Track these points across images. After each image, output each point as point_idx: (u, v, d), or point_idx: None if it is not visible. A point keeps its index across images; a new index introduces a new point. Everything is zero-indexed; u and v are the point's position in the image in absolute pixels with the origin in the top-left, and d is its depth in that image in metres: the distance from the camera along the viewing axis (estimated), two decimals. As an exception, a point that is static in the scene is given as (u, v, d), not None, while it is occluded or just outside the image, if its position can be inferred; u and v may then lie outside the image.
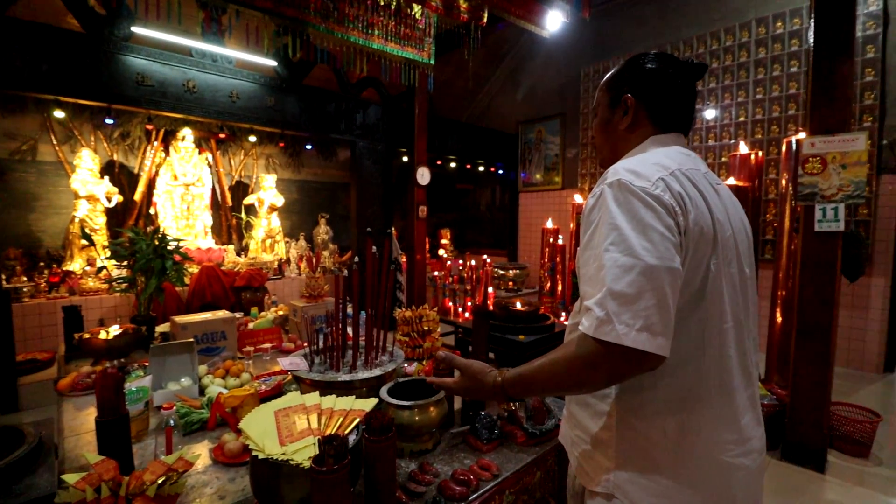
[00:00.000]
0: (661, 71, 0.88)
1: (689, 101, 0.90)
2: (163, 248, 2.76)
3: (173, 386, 1.86)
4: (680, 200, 0.74)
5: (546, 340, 2.45)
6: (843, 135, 2.03)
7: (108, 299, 3.85)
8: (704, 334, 0.78)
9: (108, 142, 4.47)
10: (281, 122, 4.31)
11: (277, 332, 2.76)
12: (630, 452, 0.81)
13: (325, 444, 0.96)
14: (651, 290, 0.68)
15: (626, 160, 0.85)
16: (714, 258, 0.77)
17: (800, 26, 4.17)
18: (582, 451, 0.91)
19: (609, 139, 0.95)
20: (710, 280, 0.77)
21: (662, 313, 0.68)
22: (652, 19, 5.31)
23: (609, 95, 0.94)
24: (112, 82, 3.30)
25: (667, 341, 0.69)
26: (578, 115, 5.95)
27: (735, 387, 0.80)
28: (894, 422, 2.91)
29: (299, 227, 6.06)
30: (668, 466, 0.78)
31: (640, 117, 0.90)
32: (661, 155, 0.83)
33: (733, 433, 0.79)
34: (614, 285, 0.69)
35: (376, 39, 2.98)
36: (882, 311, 3.81)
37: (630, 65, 0.92)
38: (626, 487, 0.80)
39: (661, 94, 0.88)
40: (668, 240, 0.71)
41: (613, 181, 0.77)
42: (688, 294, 0.76)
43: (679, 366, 0.77)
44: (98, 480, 1.02)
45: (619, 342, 0.68)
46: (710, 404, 0.78)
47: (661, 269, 0.69)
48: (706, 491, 0.78)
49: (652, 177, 0.75)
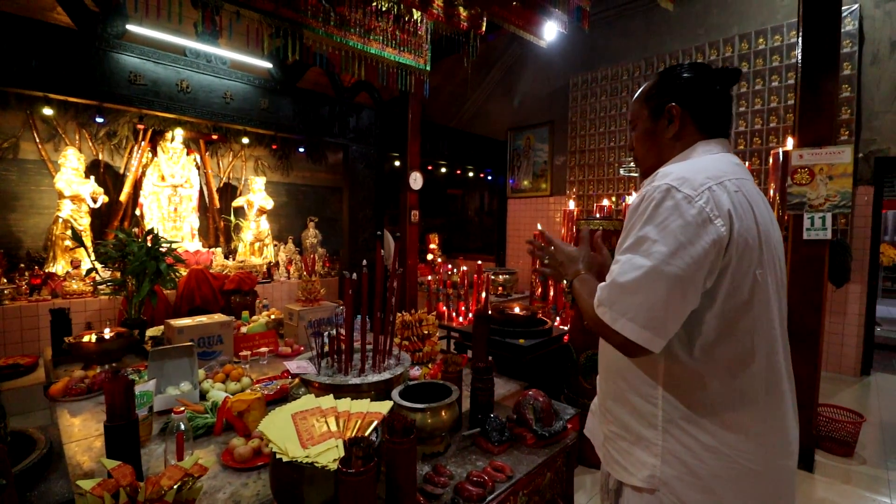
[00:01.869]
0: (701, 78, 0.91)
1: (728, 105, 0.94)
2: (156, 249, 2.71)
3: (173, 391, 1.82)
4: (723, 211, 0.78)
5: (546, 344, 2.48)
6: (830, 147, 2.12)
7: (92, 302, 3.74)
8: (754, 340, 0.81)
9: (94, 141, 4.37)
10: (275, 124, 4.28)
11: (273, 335, 2.73)
12: (677, 452, 0.83)
13: (353, 445, 0.96)
14: (648, 290, 0.77)
15: (677, 164, 0.89)
16: (760, 268, 0.80)
17: (781, 43, 4.34)
18: (618, 447, 0.93)
19: (654, 148, 0.97)
20: (757, 288, 0.80)
21: (652, 312, 0.77)
22: (638, 32, 5.45)
23: (649, 107, 0.97)
24: (104, 80, 3.23)
25: (654, 337, 0.78)
26: (567, 123, 6.06)
27: (784, 390, 0.84)
28: (875, 423, 3.03)
29: (288, 230, 6.00)
30: (716, 466, 0.80)
31: (685, 124, 0.93)
32: (712, 162, 0.86)
33: (781, 436, 0.83)
34: (619, 278, 0.81)
35: (374, 44, 3.00)
36: (858, 316, 3.97)
37: (669, 75, 0.95)
38: (672, 484, 0.83)
39: (704, 100, 0.91)
40: (691, 250, 0.76)
41: (662, 185, 0.81)
42: (737, 301, 0.79)
43: (731, 370, 0.80)
44: (115, 486, 1.00)
45: (610, 325, 0.81)
46: (760, 408, 0.81)
47: (666, 274, 0.76)
48: (752, 491, 0.80)
49: (700, 186, 0.79)
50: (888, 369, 4.22)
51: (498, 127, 6.97)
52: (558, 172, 6.31)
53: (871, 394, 3.64)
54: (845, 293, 3.98)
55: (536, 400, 1.56)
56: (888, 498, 2.21)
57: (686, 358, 0.83)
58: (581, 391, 2.32)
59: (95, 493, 0.97)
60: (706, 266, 0.77)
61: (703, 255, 0.76)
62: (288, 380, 1.98)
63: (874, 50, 3.94)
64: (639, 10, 5.41)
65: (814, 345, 2.25)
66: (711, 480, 0.81)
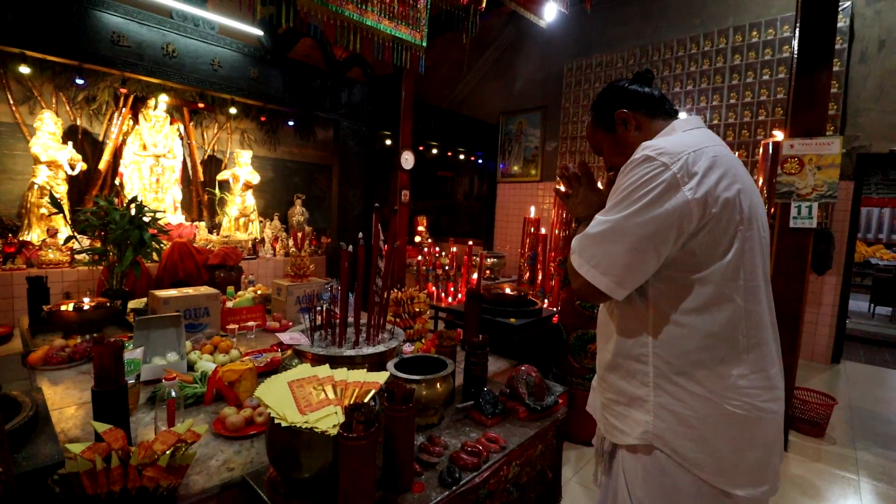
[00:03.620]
0: (628, 85, 1.05)
1: (660, 94, 1.05)
2: (139, 218, 2.62)
3: (159, 361, 1.79)
4: (696, 178, 0.83)
5: (536, 324, 2.51)
6: (820, 138, 2.16)
7: (70, 273, 3.63)
8: (732, 294, 0.85)
9: (72, 105, 4.17)
10: (264, 95, 4.14)
11: (261, 310, 2.69)
12: (668, 405, 0.88)
13: (354, 411, 0.96)
14: (611, 242, 0.87)
15: (659, 138, 0.96)
16: (742, 224, 0.86)
17: (774, 37, 4.37)
18: (614, 412, 0.98)
19: (626, 150, 1.02)
20: (739, 244, 0.85)
21: (612, 261, 0.87)
22: (635, 19, 5.42)
23: (603, 126, 1.08)
24: (85, 39, 3.06)
25: (613, 284, 0.88)
26: (560, 109, 6.03)
27: (767, 340, 0.89)
28: (844, 406, 3.17)
29: (274, 206, 5.89)
30: (705, 413, 0.85)
31: (639, 119, 1.03)
32: (690, 136, 0.93)
33: (763, 381, 0.87)
34: (590, 230, 0.92)
35: (371, 16, 2.91)
36: (833, 306, 4.12)
37: (604, 97, 1.08)
38: (665, 437, 0.87)
39: (640, 96, 1.03)
40: (655, 211, 0.83)
41: (641, 155, 0.88)
42: (719, 257, 0.85)
43: (716, 322, 0.85)
44: (107, 450, 0.98)
45: (577, 270, 0.92)
46: (744, 356, 0.86)
47: (628, 230, 0.85)
48: (741, 432, 0.85)
49: (676, 154, 0.85)
50: (856, 358, 4.41)
51: (490, 110, 6.91)
52: (549, 158, 6.31)
53: (840, 380, 3.80)
54: (821, 284, 4.11)
55: (529, 375, 1.58)
56: (856, 475, 2.33)
57: (673, 314, 0.88)
58: (570, 370, 2.36)
59: (86, 456, 0.95)
60: (672, 228, 0.83)
61: (666, 218, 0.83)
62: (278, 352, 1.96)
63: (863, 48, 4.01)
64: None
65: (794, 331, 2.33)
66: (701, 427, 0.85)
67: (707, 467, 0.85)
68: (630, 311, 0.94)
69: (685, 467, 0.86)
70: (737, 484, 0.85)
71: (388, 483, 1.07)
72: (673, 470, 0.87)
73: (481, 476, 1.19)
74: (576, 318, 2.33)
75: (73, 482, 0.91)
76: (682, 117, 1.05)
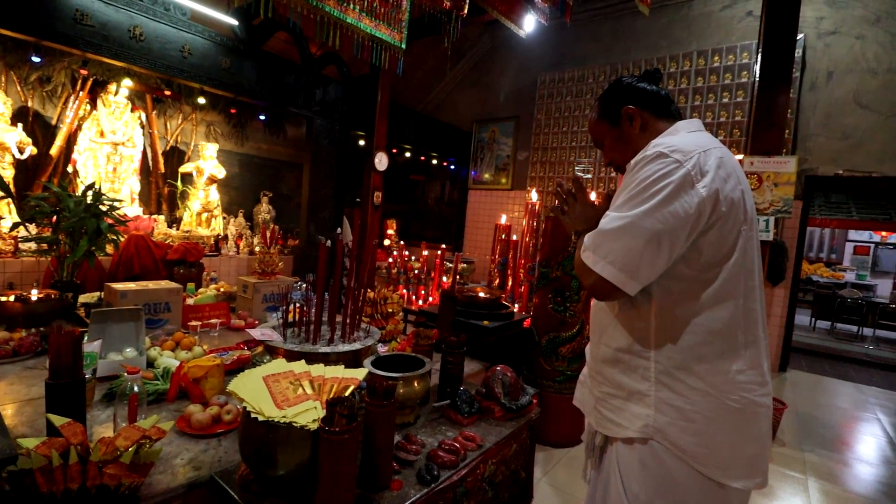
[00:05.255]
0: (638, 81, 1.06)
1: (666, 94, 1.07)
2: (96, 206, 2.47)
3: (116, 356, 1.68)
4: (709, 176, 0.85)
5: (509, 327, 2.53)
6: (778, 157, 2.31)
7: (13, 263, 3.37)
8: (734, 291, 0.88)
9: (23, 85, 3.90)
10: (235, 86, 4.01)
11: (225, 307, 2.59)
12: (669, 399, 0.89)
13: (336, 404, 0.93)
14: (627, 238, 0.86)
15: (667, 137, 0.97)
16: (745, 224, 0.89)
17: (734, 62, 4.64)
18: (611, 406, 0.98)
19: (628, 147, 1.05)
20: (741, 243, 0.88)
21: (629, 257, 0.86)
22: (606, 37, 5.63)
23: (608, 119, 1.08)
24: (44, 14, 2.86)
25: (628, 279, 0.87)
26: (532, 120, 6.16)
27: (759, 336, 0.92)
28: (792, 412, 3.37)
29: (239, 203, 5.69)
30: (705, 407, 0.87)
31: (645, 117, 1.04)
32: (697, 136, 0.95)
33: (758, 376, 0.90)
34: (604, 226, 0.91)
35: (351, 13, 2.88)
36: (781, 317, 4.37)
37: (613, 89, 1.08)
38: (666, 430, 0.89)
39: (648, 94, 1.04)
40: (671, 208, 0.84)
41: (654, 151, 0.89)
42: (723, 256, 0.88)
43: (717, 319, 0.88)
44: (65, 445, 0.91)
45: (592, 267, 0.90)
46: (740, 353, 0.89)
47: (645, 227, 0.85)
48: (739, 426, 0.87)
49: (689, 153, 0.87)
50: (799, 368, 4.70)
51: (464, 117, 6.98)
52: (521, 168, 6.42)
53: (786, 388, 4.04)
54: (771, 297, 4.36)
55: (505, 375, 1.59)
56: (804, 475, 2.48)
57: (676, 310, 0.90)
58: (541, 372, 2.39)
59: (41, 451, 0.88)
60: (686, 225, 0.85)
61: (683, 215, 0.84)
62: (245, 350, 1.89)
63: (813, 78, 4.32)
64: (609, 16, 5.59)
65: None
66: (701, 421, 0.87)
67: (705, 460, 0.87)
68: (632, 307, 0.95)
69: (683, 460, 0.87)
70: (733, 476, 0.87)
71: (366, 481, 1.05)
72: (670, 462, 0.89)
73: (459, 474, 1.19)
74: (548, 321, 2.37)
75: (27, 479, 0.84)
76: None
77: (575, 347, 2.40)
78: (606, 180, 5.50)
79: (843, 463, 2.69)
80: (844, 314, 6.72)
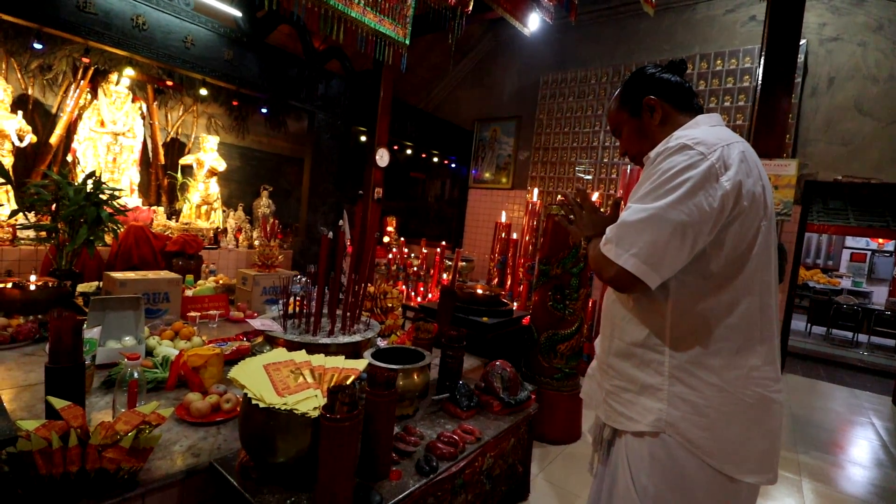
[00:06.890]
0: (662, 72, 1.04)
1: (689, 86, 1.05)
2: (96, 195, 2.47)
3: (115, 344, 1.68)
4: (732, 169, 0.85)
5: (508, 324, 2.54)
6: (779, 160, 2.32)
7: (10, 252, 3.35)
8: (752, 286, 0.88)
9: (24, 72, 3.87)
10: (238, 78, 4.00)
11: (224, 299, 2.59)
12: (683, 394, 0.89)
13: (337, 392, 0.93)
14: (652, 230, 0.84)
15: (689, 129, 0.95)
16: (765, 219, 0.89)
17: (736, 67, 4.66)
18: (622, 399, 0.97)
19: (646, 140, 1.03)
20: (760, 238, 0.88)
21: (653, 249, 0.84)
22: (609, 40, 5.64)
23: (628, 109, 1.06)
24: (48, 1, 2.85)
25: (651, 272, 0.85)
26: (534, 120, 6.17)
27: (774, 333, 0.92)
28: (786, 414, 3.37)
29: (238, 197, 5.67)
30: (720, 402, 0.87)
31: (666, 109, 1.02)
32: (719, 130, 0.94)
33: (773, 371, 0.90)
34: (627, 218, 0.88)
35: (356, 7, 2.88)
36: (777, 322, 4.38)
37: (636, 78, 1.06)
38: (678, 425, 0.88)
39: (671, 86, 1.02)
40: (696, 199, 0.83)
41: (677, 143, 0.88)
42: (743, 249, 0.87)
43: (734, 313, 0.87)
44: (65, 428, 0.91)
45: (615, 260, 0.88)
46: (756, 349, 0.88)
47: (670, 219, 0.83)
48: (753, 421, 0.87)
49: (713, 145, 0.86)
50: (795, 372, 4.72)
51: (465, 116, 6.97)
52: (521, 167, 6.42)
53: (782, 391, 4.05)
54: (768, 301, 4.37)
55: (504, 370, 1.59)
56: (798, 476, 2.49)
57: (694, 305, 0.89)
58: (539, 369, 2.39)
59: (40, 433, 0.88)
60: (709, 219, 0.84)
61: (707, 208, 0.83)
62: (244, 341, 1.89)
63: (814, 83, 4.33)
64: (612, 18, 5.59)
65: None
66: (715, 415, 0.87)
67: (718, 454, 0.86)
68: (648, 300, 0.93)
69: (695, 454, 0.87)
70: (745, 471, 0.87)
71: (365, 470, 1.05)
72: (682, 456, 0.88)
73: (457, 466, 1.19)
74: (547, 319, 2.38)
75: (26, 461, 0.84)
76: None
77: (573, 345, 2.40)
78: (607, 181, 5.51)
79: (836, 465, 2.71)
80: (840, 320, 6.75)
